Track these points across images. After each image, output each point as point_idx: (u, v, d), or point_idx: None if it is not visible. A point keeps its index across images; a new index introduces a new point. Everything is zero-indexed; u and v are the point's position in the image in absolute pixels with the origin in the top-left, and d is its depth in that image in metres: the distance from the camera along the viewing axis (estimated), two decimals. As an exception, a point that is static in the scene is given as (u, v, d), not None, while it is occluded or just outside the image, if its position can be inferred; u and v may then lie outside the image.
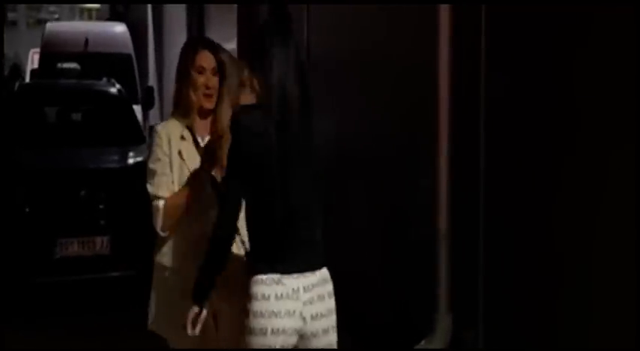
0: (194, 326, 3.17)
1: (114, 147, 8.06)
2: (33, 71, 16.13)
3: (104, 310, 7.29)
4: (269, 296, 3.03)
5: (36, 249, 7.03)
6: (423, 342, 5.00)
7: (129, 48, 14.28)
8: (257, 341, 3.02)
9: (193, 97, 3.68)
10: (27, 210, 7.06)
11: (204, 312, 3.19)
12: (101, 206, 7.19)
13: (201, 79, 3.67)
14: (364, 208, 6.18)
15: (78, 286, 7.43)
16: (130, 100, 9.07)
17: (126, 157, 7.86)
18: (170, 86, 15.82)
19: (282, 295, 3.03)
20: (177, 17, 14.90)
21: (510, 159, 4.43)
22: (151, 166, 3.71)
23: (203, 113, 3.74)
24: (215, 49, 3.76)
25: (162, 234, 3.60)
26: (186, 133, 3.69)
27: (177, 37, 14.87)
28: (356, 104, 6.33)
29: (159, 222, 3.59)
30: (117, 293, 7.63)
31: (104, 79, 9.73)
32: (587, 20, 3.80)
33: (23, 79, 18.15)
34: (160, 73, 17.61)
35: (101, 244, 7.14)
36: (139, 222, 7.13)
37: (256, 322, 3.02)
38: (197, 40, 3.95)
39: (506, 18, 4.45)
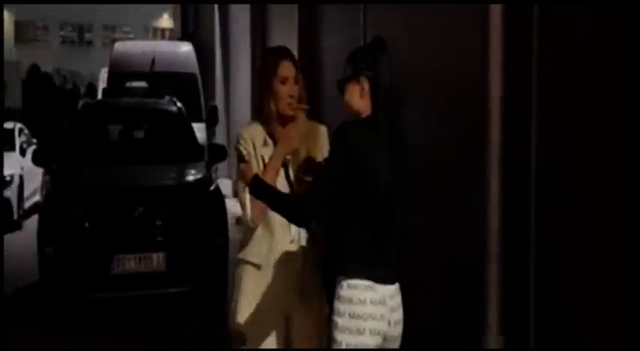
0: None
1: (172, 164, 8.13)
2: (104, 90, 16.39)
3: (160, 325, 7.31)
4: (365, 300, 3.29)
5: (94, 264, 7.09)
6: (472, 365, 4.92)
7: (194, 67, 14.43)
8: (354, 340, 3.28)
9: (274, 106, 3.76)
10: (86, 225, 7.12)
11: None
12: (158, 223, 7.22)
13: (284, 89, 3.76)
14: (411, 225, 6.08)
15: (134, 302, 7.47)
16: (188, 118, 9.13)
17: (183, 175, 7.91)
18: (237, 104, 16.02)
19: (376, 300, 3.30)
20: (242, 38, 15.01)
21: (565, 172, 4.29)
22: (240, 163, 3.76)
23: (283, 120, 3.80)
24: (294, 58, 3.87)
25: (251, 224, 3.69)
26: (269, 140, 3.78)
27: (242, 57, 14.97)
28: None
29: (247, 211, 3.67)
30: (172, 309, 7.66)
31: (166, 98, 9.80)
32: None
33: (96, 97, 18.48)
34: (227, 91, 17.74)
35: (157, 260, 7.17)
36: (194, 239, 7.34)
37: (354, 323, 3.27)
38: (277, 51, 3.99)
39: (560, 18, 4.31)
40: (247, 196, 3.66)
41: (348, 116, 3.60)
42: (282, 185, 3.71)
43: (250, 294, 3.73)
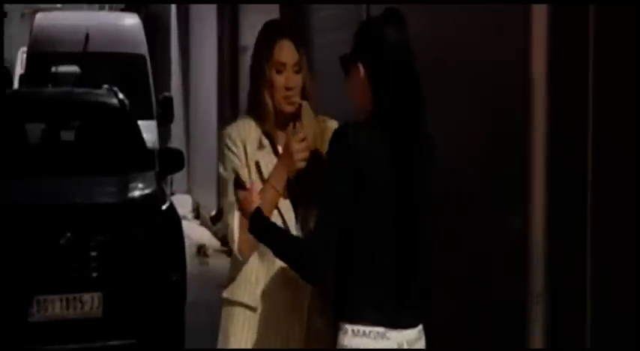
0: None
1: (112, 176, 8.12)
2: (22, 77, 16.39)
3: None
4: None
5: (6, 309, 7.06)
6: None
7: (141, 47, 14.40)
8: None
9: (269, 101, 3.75)
10: (-4, 257, 7.10)
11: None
12: (93, 253, 7.21)
13: (280, 79, 3.74)
14: (440, 255, 6.16)
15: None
16: (134, 115, 9.16)
17: (126, 189, 7.90)
18: (200, 96, 16.02)
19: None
20: (207, 11, 15.01)
21: (631, 190, 4.32)
22: (224, 175, 3.78)
23: (283, 118, 3.80)
24: (297, 37, 3.84)
25: (239, 257, 3.72)
26: (265, 140, 3.78)
27: (207, 33, 14.98)
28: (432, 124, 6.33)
29: (234, 240, 3.69)
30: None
31: (104, 88, 9.82)
32: None
33: (11, 86, 18.48)
34: (186, 79, 17.76)
35: (91, 303, 7.15)
36: (141, 274, 7.30)
37: None
38: (273, 27, 3.96)
39: (624, 22, 4.37)
40: (235, 220, 3.68)
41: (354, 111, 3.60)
42: (285, 203, 3.74)
43: (241, 346, 3.73)
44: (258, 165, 3.74)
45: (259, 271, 3.74)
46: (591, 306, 4.59)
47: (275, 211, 3.70)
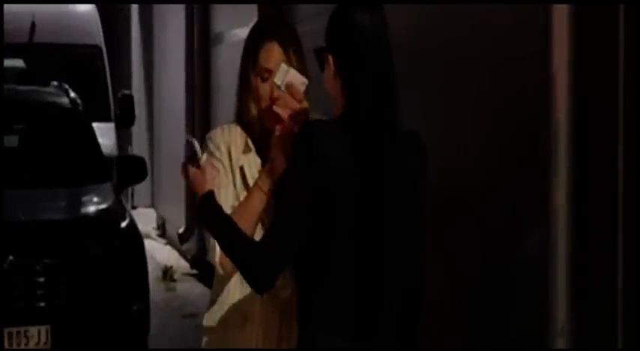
0: None
1: (62, 188, 8.15)
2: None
3: None
4: None
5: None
6: None
7: (97, 37, 14.36)
8: None
9: (255, 110, 3.83)
10: None
11: None
12: (39, 280, 7.23)
13: (265, 88, 3.79)
14: (445, 282, 6.12)
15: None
16: (88, 116, 9.18)
17: (79, 204, 7.93)
18: (166, 95, 15.99)
19: None
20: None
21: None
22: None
23: (270, 125, 3.81)
24: (289, 39, 3.89)
25: (220, 271, 3.74)
26: (252, 145, 3.85)
27: (174, 20, 14.97)
28: (437, 121, 6.30)
29: (215, 250, 3.70)
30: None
31: (53, 85, 9.81)
32: None
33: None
34: (149, 74, 17.75)
35: (38, 337, 7.16)
36: (96, 304, 7.30)
37: None
38: (262, 27, 4.04)
39: None
40: None
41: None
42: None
43: None
44: (242, 171, 3.80)
45: (244, 292, 3.75)
46: (624, 339, 4.59)
47: (260, 225, 3.71)
